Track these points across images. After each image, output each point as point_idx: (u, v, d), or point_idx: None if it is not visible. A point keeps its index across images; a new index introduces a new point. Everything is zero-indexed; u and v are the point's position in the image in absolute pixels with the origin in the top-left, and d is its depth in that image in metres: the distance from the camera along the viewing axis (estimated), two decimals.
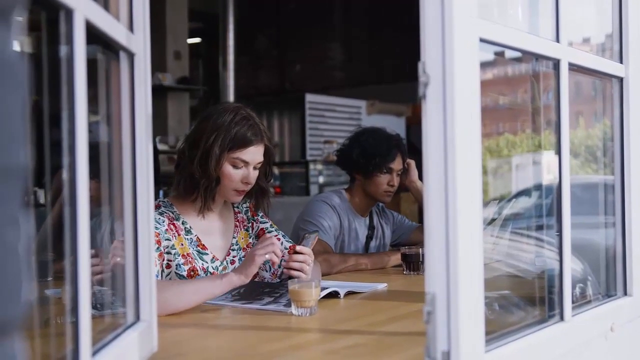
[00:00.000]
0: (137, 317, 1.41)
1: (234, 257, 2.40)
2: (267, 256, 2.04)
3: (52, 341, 1.23)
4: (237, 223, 2.46)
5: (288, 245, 2.46)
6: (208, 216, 2.35)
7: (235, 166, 2.27)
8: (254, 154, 2.29)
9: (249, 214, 2.51)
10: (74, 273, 1.04)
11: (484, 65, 1.36)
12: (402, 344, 1.68)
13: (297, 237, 3.04)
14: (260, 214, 2.52)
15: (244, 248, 2.43)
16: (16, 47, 0.63)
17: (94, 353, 1.13)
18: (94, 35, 1.16)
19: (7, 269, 0.60)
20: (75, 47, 1.04)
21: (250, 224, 2.49)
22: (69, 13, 1.04)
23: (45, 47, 1.09)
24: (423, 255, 2.76)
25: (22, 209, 0.63)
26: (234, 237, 2.43)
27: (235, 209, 2.49)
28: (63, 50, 1.05)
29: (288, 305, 1.98)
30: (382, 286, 2.45)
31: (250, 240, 2.46)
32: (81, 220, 1.05)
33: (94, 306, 1.23)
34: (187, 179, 2.29)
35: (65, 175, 1.05)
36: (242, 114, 2.28)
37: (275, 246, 2.07)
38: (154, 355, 1.47)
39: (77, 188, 1.04)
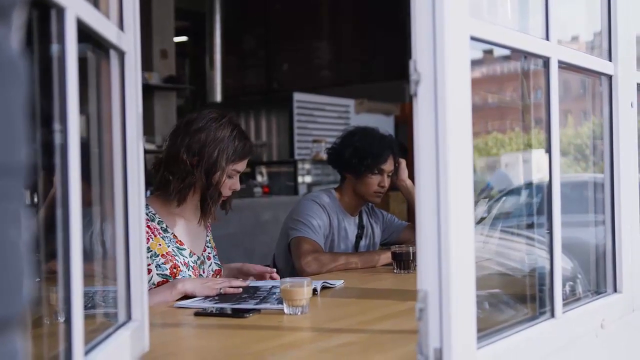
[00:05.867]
0: (129, 317, 1.41)
1: (209, 253, 2.54)
2: (221, 291, 2.21)
3: (43, 341, 1.23)
4: (208, 224, 2.59)
5: (215, 268, 2.55)
6: (184, 216, 2.46)
7: (229, 176, 2.41)
8: (245, 164, 2.46)
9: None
10: (67, 273, 1.04)
11: (473, 63, 1.36)
12: (393, 341, 1.68)
13: (287, 237, 3.04)
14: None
15: (214, 247, 2.59)
16: (16, 45, 0.63)
17: (86, 352, 1.12)
18: (84, 34, 1.16)
19: (9, 266, 0.60)
20: (66, 46, 1.04)
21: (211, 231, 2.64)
22: (61, 11, 1.03)
23: (36, 45, 1.08)
24: (413, 253, 2.78)
25: (23, 207, 0.64)
26: (207, 236, 2.57)
27: None
28: (54, 48, 1.05)
29: (280, 302, 1.97)
30: (339, 283, 2.47)
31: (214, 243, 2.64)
32: (73, 220, 1.04)
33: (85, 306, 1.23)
34: (188, 188, 2.37)
35: (56, 175, 1.05)
36: (238, 128, 2.43)
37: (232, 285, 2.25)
38: (146, 354, 1.47)
39: (69, 188, 1.04)
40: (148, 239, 2.29)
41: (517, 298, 1.80)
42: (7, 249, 0.60)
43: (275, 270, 2.58)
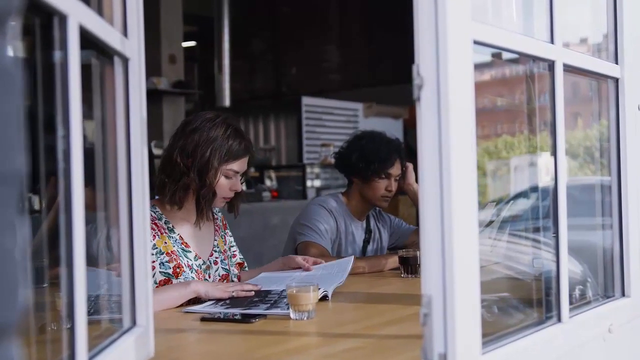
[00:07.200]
0: (134, 322, 1.41)
1: (216, 258, 2.52)
2: (233, 294, 2.22)
3: (47, 347, 1.23)
4: (217, 228, 2.58)
5: (222, 272, 2.54)
6: (190, 220, 2.45)
7: (227, 176, 2.39)
8: (244, 164, 2.44)
9: (222, 224, 2.63)
10: (70, 279, 1.04)
11: (482, 66, 1.35)
12: (399, 347, 1.67)
13: (294, 241, 3.04)
14: (228, 230, 2.66)
15: (223, 251, 2.56)
16: (11, 53, 0.64)
17: (90, 358, 1.12)
18: (88, 40, 1.16)
19: (4, 274, 0.61)
20: (69, 52, 1.04)
21: (225, 233, 2.62)
22: (63, 19, 1.03)
23: (39, 52, 1.09)
24: (421, 257, 2.77)
25: (19, 215, 0.64)
26: (215, 240, 2.55)
27: (214, 215, 2.59)
28: (57, 55, 1.05)
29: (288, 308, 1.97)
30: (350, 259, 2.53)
31: (225, 247, 2.59)
32: (76, 226, 1.04)
33: (89, 312, 1.23)
34: (182, 190, 2.36)
35: (60, 181, 1.05)
36: (233, 127, 2.40)
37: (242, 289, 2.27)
38: None
39: (73, 194, 1.04)
40: (154, 236, 2.31)
41: (524, 302, 1.79)
42: (2, 256, 0.60)
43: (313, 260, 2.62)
